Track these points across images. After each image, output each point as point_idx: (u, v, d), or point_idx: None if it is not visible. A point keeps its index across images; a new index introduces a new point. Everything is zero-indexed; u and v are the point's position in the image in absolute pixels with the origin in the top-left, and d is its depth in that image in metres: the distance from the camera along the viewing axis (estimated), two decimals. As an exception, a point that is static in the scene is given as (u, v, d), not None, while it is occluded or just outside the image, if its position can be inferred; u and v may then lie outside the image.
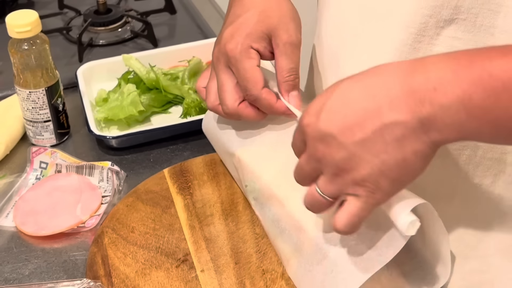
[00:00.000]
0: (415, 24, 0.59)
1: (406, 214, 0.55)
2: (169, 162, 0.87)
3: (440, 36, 0.59)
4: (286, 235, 0.66)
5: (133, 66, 0.96)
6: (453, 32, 0.58)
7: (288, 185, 0.64)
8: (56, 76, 0.87)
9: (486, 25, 0.57)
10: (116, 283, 0.68)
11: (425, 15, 0.59)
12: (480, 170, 0.61)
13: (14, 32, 0.83)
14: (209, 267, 0.69)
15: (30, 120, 0.88)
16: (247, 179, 0.72)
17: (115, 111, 0.90)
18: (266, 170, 0.71)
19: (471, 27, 0.58)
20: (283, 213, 0.67)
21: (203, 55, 1.00)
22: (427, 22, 0.59)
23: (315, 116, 0.53)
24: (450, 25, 0.58)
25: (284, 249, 0.67)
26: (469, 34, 0.58)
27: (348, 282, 0.59)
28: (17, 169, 0.86)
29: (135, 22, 1.17)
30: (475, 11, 0.57)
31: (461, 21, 0.58)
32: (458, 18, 0.58)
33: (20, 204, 0.80)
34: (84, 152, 0.89)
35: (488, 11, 0.56)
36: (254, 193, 0.71)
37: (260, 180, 0.70)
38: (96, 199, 0.80)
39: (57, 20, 1.18)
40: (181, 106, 0.95)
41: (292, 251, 0.65)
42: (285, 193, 0.67)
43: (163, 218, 0.75)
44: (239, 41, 0.67)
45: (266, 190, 0.70)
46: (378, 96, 0.51)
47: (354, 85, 0.53)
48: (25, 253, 0.75)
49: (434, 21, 0.59)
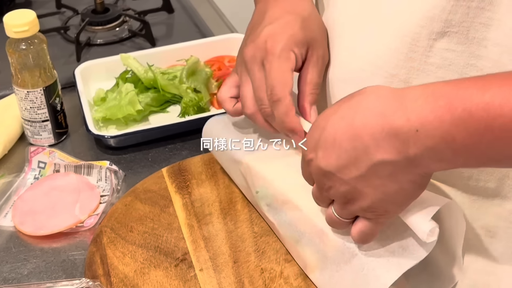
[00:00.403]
0: (410, 33, 0.60)
1: (424, 222, 0.57)
2: (167, 161, 0.87)
3: (433, 48, 0.59)
4: (307, 239, 0.65)
5: (131, 66, 0.96)
6: (446, 44, 0.59)
7: (302, 189, 0.65)
8: (54, 76, 0.87)
9: (478, 37, 0.57)
10: (115, 282, 0.68)
11: (418, 25, 0.59)
12: (484, 175, 0.61)
13: (12, 32, 0.82)
14: (207, 266, 0.69)
15: (28, 120, 0.88)
16: (258, 185, 0.71)
17: (113, 111, 0.90)
18: (277, 176, 0.70)
19: (464, 40, 0.58)
20: (301, 216, 0.66)
21: (201, 54, 1.00)
22: (420, 33, 0.59)
23: (314, 152, 0.57)
24: (443, 38, 0.59)
25: (306, 254, 0.66)
26: (462, 46, 0.58)
27: (382, 279, 0.59)
28: (16, 169, 0.86)
29: (132, 21, 1.17)
30: (467, 25, 0.57)
31: (453, 33, 0.58)
32: (450, 31, 0.58)
33: (19, 204, 0.80)
34: (82, 151, 0.89)
35: (479, 25, 0.57)
36: (267, 199, 0.70)
37: (273, 185, 0.69)
38: (94, 198, 0.80)
39: (55, 20, 1.18)
40: (179, 105, 0.95)
41: (315, 254, 0.65)
42: (301, 198, 0.67)
43: (162, 217, 0.75)
44: (282, 39, 0.66)
45: (279, 195, 0.69)
46: (363, 137, 0.53)
47: (340, 123, 0.55)
48: (23, 252, 0.75)
49: (426, 32, 0.59)
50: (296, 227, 0.67)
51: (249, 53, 0.68)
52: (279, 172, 0.70)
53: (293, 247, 0.67)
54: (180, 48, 1.02)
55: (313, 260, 0.65)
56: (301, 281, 0.67)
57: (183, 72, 0.96)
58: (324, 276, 0.64)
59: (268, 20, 0.68)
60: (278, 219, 0.69)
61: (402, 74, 0.62)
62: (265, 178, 0.70)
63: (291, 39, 0.66)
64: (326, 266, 0.63)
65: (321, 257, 0.64)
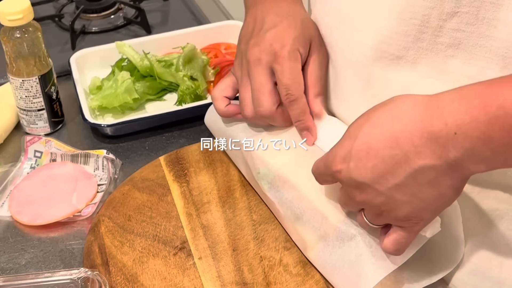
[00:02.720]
0: (418, 15, 0.59)
1: None
2: (165, 149, 0.86)
3: (443, 29, 0.59)
4: (307, 217, 0.66)
5: (126, 53, 0.95)
6: (456, 25, 0.59)
7: (302, 173, 0.67)
8: (49, 64, 0.86)
9: (488, 17, 0.57)
10: (114, 271, 0.67)
11: (427, 7, 0.59)
12: None
13: (6, 20, 0.82)
14: (206, 254, 0.69)
15: (23, 109, 0.88)
16: (258, 166, 0.71)
17: (109, 99, 0.90)
18: (278, 159, 0.71)
19: (474, 20, 0.58)
20: (300, 197, 0.67)
21: (197, 41, 0.99)
22: (429, 14, 0.59)
23: (344, 163, 0.56)
24: (453, 18, 0.59)
25: (306, 231, 0.66)
26: (472, 26, 0.58)
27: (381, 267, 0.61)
28: (11, 159, 0.86)
29: (127, 9, 1.16)
30: (477, 4, 0.57)
31: (463, 14, 0.58)
32: (460, 11, 0.58)
33: (15, 194, 0.80)
34: (79, 140, 0.89)
35: (490, 4, 0.57)
36: (268, 177, 0.70)
37: (274, 166, 0.70)
38: (91, 187, 0.80)
39: (49, 7, 1.17)
40: (175, 93, 0.94)
41: (316, 231, 0.65)
42: (300, 180, 0.68)
43: (160, 206, 0.75)
44: (288, 41, 0.69)
45: (281, 176, 0.69)
46: (402, 144, 0.52)
47: (374, 130, 0.54)
48: (21, 242, 0.75)
49: (436, 13, 0.59)
50: (297, 204, 0.67)
51: (254, 56, 0.69)
52: (279, 156, 0.71)
53: (293, 225, 0.68)
54: (176, 36, 1.02)
55: (314, 237, 0.65)
56: (300, 268, 0.67)
57: (179, 60, 0.95)
58: (325, 252, 0.64)
59: (269, 24, 0.70)
60: (278, 197, 0.69)
61: (410, 55, 0.62)
62: (267, 160, 0.71)
63: (296, 40, 0.69)
64: (327, 243, 0.64)
65: (322, 234, 0.64)
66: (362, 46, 0.65)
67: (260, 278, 0.66)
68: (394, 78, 0.64)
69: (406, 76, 0.64)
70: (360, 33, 0.65)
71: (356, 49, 0.66)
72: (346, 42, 0.68)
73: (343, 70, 0.69)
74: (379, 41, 0.63)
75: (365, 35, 0.64)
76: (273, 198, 0.70)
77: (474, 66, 0.60)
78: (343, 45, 0.68)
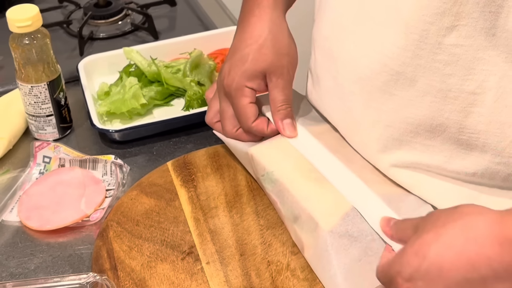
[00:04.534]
0: (417, 30, 0.60)
1: None
2: (172, 155, 0.87)
3: (441, 46, 0.60)
4: (303, 220, 0.67)
5: (134, 59, 0.95)
6: (455, 40, 0.59)
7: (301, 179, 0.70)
8: (57, 70, 0.87)
9: (487, 27, 0.57)
10: (122, 276, 0.68)
11: (426, 22, 0.59)
12: None
13: (15, 27, 0.82)
14: (214, 259, 0.69)
15: (32, 115, 0.88)
16: (262, 171, 0.73)
17: (117, 105, 0.90)
18: (280, 162, 0.73)
19: (472, 32, 0.58)
20: (297, 199, 0.69)
21: (204, 47, 0.99)
22: (428, 30, 0.59)
23: (411, 282, 0.52)
24: (452, 33, 0.59)
25: (303, 232, 0.67)
26: (470, 39, 0.58)
27: None
28: (20, 164, 0.86)
29: (135, 15, 1.17)
30: (476, 15, 0.57)
31: (462, 27, 0.58)
32: (460, 25, 0.58)
33: (24, 199, 0.80)
34: (87, 146, 0.89)
35: (489, 14, 0.57)
36: (272, 178, 0.72)
37: (277, 171, 0.72)
38: (100, 192, 0.80)
39: (57, 14, 1.18)
40: (183, 99, 0.95)
41: (312, 233, 0.66)
42: (298, 183, 0.70)
43: (168, 211, 0.75)
44: (234, 78, 0.74)
45: (282, 178, 0.71)
46: (478, 268, 0.49)
47: (447, 252, 0.51)
48: (30, 247, 0.75)
49: (435, 28, 0.59)
50: (296, 205, 0.69)
51: (219, 83, 0.77)
52: (281, 162, 0.73)
53: (292, 226, 0.69)
54: (183, 41, 1.02)
55: (309, 239, 0.66)
56: (307, 273, 0.67)
57: (186, 65, 0.95)
58: (315, 256, 0.65)
59: (230, 52, 0.77)
60: (280, 197, 0.71)
61: (409, 72, 0.62)
62: (268, 166, 0.73)
63: (242, 75, 0.74)
64: (318, 245, 0.65)
65: (316, 236, 0.66)
66: (367, 59, 0.65)
67: (267, 283, 0.66)
68: (395, 94, 0.65)
69: (405, 92, 0.64)
70: (366, 46, 0.65)
71: (361, 62, 0.66)
72: (351, 55, 0.68)
73: (347, 83, 0.70)
74: (383, 54, 0.63)
75: (370, 47, 0.65)
76: (275, 198, 0.71)
77: (472, 81, 0.60)
78: (348, 57, 0.69)
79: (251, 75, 0.74)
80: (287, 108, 0.75)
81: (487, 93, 0.60)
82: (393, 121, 0.67)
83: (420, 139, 0.66)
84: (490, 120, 0.61)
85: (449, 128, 0.64)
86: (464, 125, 0.63)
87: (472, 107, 0.62)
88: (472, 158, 0.64)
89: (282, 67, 0.74)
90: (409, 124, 0.66)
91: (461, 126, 0.63)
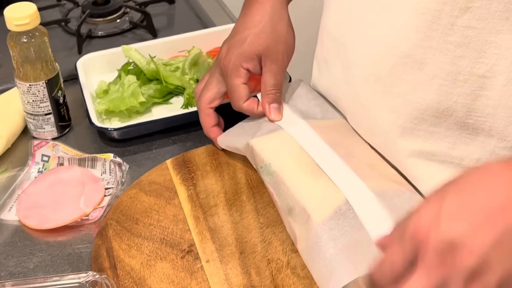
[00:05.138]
0: (430, 11, 0.59)
1: None
2: (171, 153, 0.86)
3: (454, 27, 0.59)
4: (296, 212, 0.68)
5: (133, 57, 0.95)
6: (467, 22, 0.59)
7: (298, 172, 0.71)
8: (56, 69, 0.87)
9: (500, 10, 0.57)
10: (122, 275, 0.68)
11: (440, 2, 0.59)
12: None
13: (12, 25, 0.82)
14: (214, 257, 0.69)
15: (30, 113, 0.88)
16: (260, 163, 0.74)
17: (116, 103, 0.90)
18: (278, 154, 0.74)
19: (486, 14, 0.57)
20: (292, 191, 0.69)
21: (203, 45, 0.99)
22: (442, 10, 0.59)
23: (431, 227, 0.47)
24: (465, 14, 0.58)
25: (296, 224, 0.68)
26: (483, 22, 0.58)
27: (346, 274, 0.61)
28: (19, 163, 0.86)
29: (133, 13, 1.16)
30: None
31: (475, 8, 0.58)
32: (473, 6, 0.58)
33: (23, 198, 0.80)
34: (86, 144, 0.89)
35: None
36: (269, 170, 0.73)
37: (274, 163, 0.73)
38: (99, 191, 0.80)
39: (55, 12, 1.18)
40: (182, 97, 0.94)
41: (304, 225, 0.67)
42: (294, 175, 0.70)
43: (167, 209, 0.75)
44: (231, 58, 0.77)
45: (279, 170, 0.72)
46: (498, 195, 0.47)
47: (462, 193, 0.48)
48: (29, 246, 0.75)
49: (449, 9, 0.59)
50: (290, 197, 0.69)
51: (215, 62, 0.80)
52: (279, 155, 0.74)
53: (287, 217, 0.69)
54: (181, 39, 1.02)
55: (302, 231, 0.67)
56: (308, 271, 0.67)
57: (185, 63, 0.95)
58: (308, 247, 0.66)
59: (231, 34, 0.80)
60: (277, 189, 0.71)
61: (418, 54, 0.62)
62: (266, 158, 0.73)
63: (239, 56, 0.77)
64: (309, 238, 0.65)
65: (308, 227, 0.66)
66: (377, 42, 0.65)
67: (267, 281, 0.66)
68: (402, 78, 0.64)
69: (413, 76, 0.64)
70: (375, 27, 0.65)
71: (370, 46, 0.66)
72: (360, 40, 0.68)
73: (356, 69, 0.69)
74: (392, 36, 0.63)
75: (380, 30, 0.64)
76: (272, 190, 0.72)
77: (482, 64, 0.60)
78: (357, 42, 0.69)
79: (247, 56, 0.77)
80: (277, 93, 0.78)
81: (497, 77, 0.60)
82: (399, 106, 0.67)
83: (425, 125, 0.66)
84: (499, 104, 0.61)
85: (456, 112, 0.64)
86: (472, 109, 0.63)
87: (481, 91, 0.61)
88: (477, 142, 0.64)
89: (277, 53, 0.77)
90: (415, 109, 0.66)
91: (469, 109, 0.63)
